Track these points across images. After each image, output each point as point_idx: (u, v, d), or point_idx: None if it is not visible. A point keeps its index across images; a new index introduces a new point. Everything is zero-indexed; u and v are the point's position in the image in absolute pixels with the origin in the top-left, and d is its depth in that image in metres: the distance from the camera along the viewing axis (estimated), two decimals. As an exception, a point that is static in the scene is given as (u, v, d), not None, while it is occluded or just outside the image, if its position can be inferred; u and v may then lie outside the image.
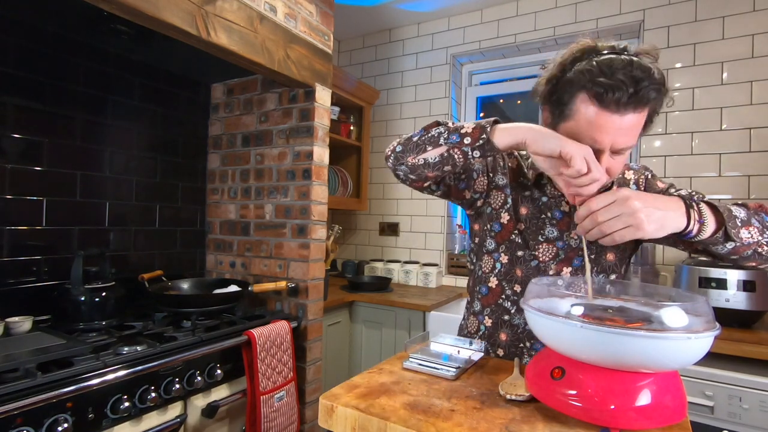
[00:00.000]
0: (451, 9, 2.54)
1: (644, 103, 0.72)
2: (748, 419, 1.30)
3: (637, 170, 0.98)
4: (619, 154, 0.78)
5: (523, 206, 0.97)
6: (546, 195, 0.96)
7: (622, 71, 0.70)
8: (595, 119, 0.73)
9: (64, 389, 1.01)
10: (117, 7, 1.13)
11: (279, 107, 1.89)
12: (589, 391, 0.59)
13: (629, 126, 0.73)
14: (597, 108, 0.73)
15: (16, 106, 1.42)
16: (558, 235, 0.94)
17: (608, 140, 0.74)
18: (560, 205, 0.95)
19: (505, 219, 0.97)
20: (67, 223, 1.56)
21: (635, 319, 0.60)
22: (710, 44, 1.94)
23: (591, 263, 0.91)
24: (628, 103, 0.71)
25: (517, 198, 0.97)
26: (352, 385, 0.72)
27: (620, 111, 0.72)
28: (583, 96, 0.74)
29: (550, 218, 0.95)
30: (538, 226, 0.95)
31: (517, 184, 0.98)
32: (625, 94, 0.70)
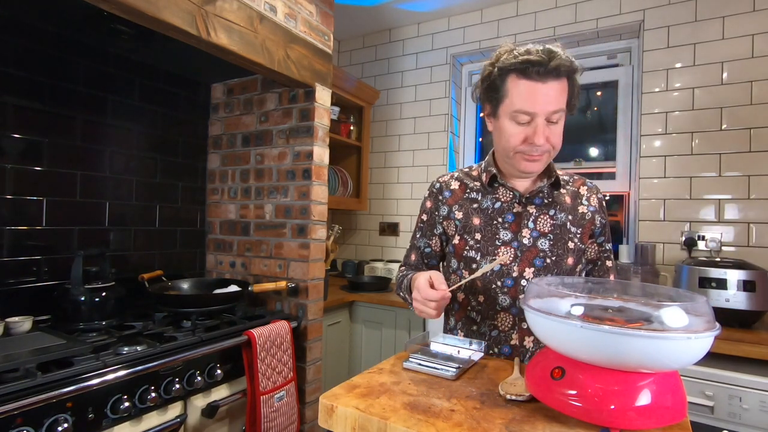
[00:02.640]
0: (451, 9, 2.54)
1: (560, 72, 0.87)
2: (748, 419, 1.30)
3: (590, 188, 1.06)
4: (553, 122, 0.90)
5: (474, 217, 1.03)
6: (499, 200, 1.03)
7: (536, 52, 0.87)
8: (524, 91, 0.88)
9: (64, 389, 1.01)
10: (117, 7, 1.13)
11: (279, 107, 1.89)
12: (589, 391, 0.59)
13: (553, 92, 0.88)
14: (524, 80, 0.88)
15: (16, 106, 1.42)
16: (512, 236, 0.99)
17: (539, 106, 0.88)
18: (512, 207, 1.01)
19: (456, 240, 1.05)
20: (67, 223, 1.56)
21: (635, 319, 0.60)
22: (710, 44, 1.94)
23: (552, 265, 0.98)
24: (547, 72, 0.86)
25: (467, 213, 1.04)
26: (352, 385, 0.72)
27: (543, 79, 0.87)
28: (512, 77, 0.89)
29: (502, 222, 1.01)
30: (492, 233, 1.01)
31: (464, 200, 1.06)
32: (543, 66, 0.86)
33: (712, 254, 1.87)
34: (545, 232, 0.99)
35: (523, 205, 1.01)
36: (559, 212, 1.00)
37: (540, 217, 0.99)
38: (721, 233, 1.89)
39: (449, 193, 1.08)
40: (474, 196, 1.05)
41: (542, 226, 0.99)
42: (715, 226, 1.90)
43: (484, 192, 1.04)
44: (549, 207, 1.00)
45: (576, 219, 1.01)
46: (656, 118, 2.04)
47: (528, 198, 1.01)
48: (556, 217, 1.00)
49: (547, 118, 0.89)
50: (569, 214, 1.01)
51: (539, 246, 0.98)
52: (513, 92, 0.90)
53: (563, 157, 2.46)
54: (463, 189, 1.07)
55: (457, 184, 1.09)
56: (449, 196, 1.08)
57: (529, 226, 0.99)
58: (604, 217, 1.04)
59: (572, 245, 0.99)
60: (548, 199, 1.01)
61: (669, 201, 2.00)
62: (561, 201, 1.02)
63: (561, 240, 0.98)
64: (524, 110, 0.89)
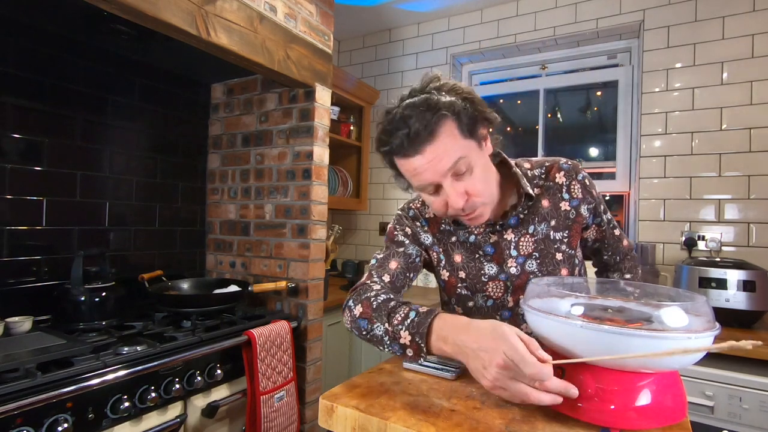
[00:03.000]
0: (451, 9, 2.54)
1: (427, 134, 0.75)
2: (748, 419, 1.30)
3: (567, 171, 0.93)
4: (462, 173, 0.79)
5: (456, 254, 0.96)
6: (472, 233, 0.94)
7: (394, 125, 0.78)
8: (409, 169, 0.79)
9: (64, 389, 1.01)
10: (117, 7, 1.13)
11: (279, 107, 1.89)
12: (589, 391, 0.59)
13: (434, 157, 0.76)
14: (402, 160, 0.79)
15: (16, 106, 1.42)
16: (498, 269, 0.92)
17: (431, 176, 0.78)
18: (489, 238, 0.93)
19: (445, 275, 0.98)
20: (67, 223, 1.56)
21: (635, 319, 0.60)
22: (710, 44, 1.94)
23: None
24: (412, 145, 0.76)
25: (446, 249, 0.96)
26: (352, 385, 0.72)
27: (416, 151, 0.76)
28: (396, 158, 0.81)
29: (484, 255, 0.93)
30: (477, 269, 0.94)
31: (440, 233, 0.97)
32: (404, 141, 0.76)
33: (712, 254, 1.88)
34: (530, 253, 0.91)
35: (499, 233, 0.92)
36: (538, 225, 0.91)
37: (520, 240, 0.91)
38: (721, 233, 1.89)
39: (425, 222, 0.98)
40: (448, 227, 0.97)
41: (525, 248, 0.91)
42: (715, 226, 1.90)
43: (456, 226, 0.95)
44: (527, 224, 0.91)
45: (560, 222, 0.92)
46: (656, 118, 2.04)
47: (502, 224, 0.92)
48: (536, 232, 0.91)
49: (452, 175, 0.78)
50: (551, 219, 0.92)
51: (527, 269, 0.91)
52: (404, 170, 0.82)
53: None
54: (438, 220, 0.97)
55: (431, 213, 0.98)
56: (427, 226, 0.98)
57: (512, 255, 0.91)
58: (591, 198, 0.93)
59: (560, 256, 0.92)
60: (523, 214, 0.92)
61: (669, 201, 2.00)
62: (537, 210, 0.92)
63: (548, 255, 0.91)
64: (421, 186, 0.81)
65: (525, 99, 2.62)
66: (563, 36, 2.29)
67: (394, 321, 0.76)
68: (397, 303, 0.80)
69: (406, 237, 0.98)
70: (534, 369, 0.58)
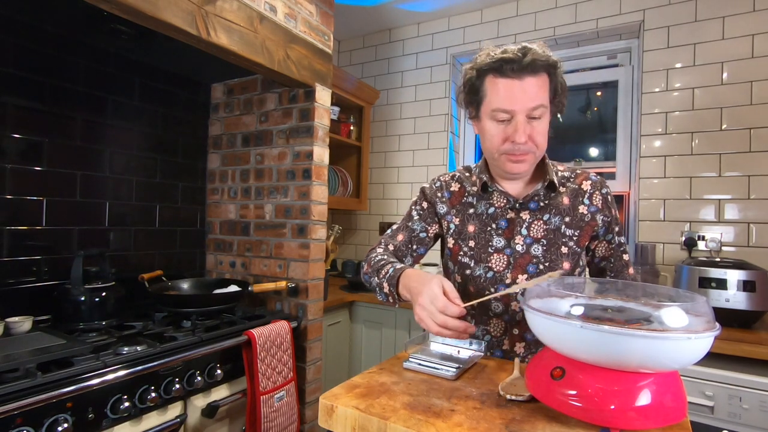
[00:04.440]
0: (451, 9, 2.54)
1: (536, 67, 0.86)
2: (748, 419, 1.30)
3: (594, 182, 1.01)
4: (535, 119, 0.88)
5: (470, 224, 1.02)
6: (493, 205, 1.01)
7: (511, 51, 0.87)
8: (501, 89, 0.88)
9: (64, 389, 1.01)
10: (117, 7, 1.13)
11: (279, 107, 1.89)
12: (589, 391, 0.59)
13: (531, 88, 0.87)
14: (501, 78, 0.88)
15: (16, 106, 1.42)
16: (505, 243, 0.98)
17: (517, 103, 0.87)
18: (506, 213, 1.00)
19: (450, 243, 1.05)
20: (67, 223, 1.56)
21: (635, 319, 0.60)
22: (710, 44, 1.94)
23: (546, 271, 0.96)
24: (522, 68, 0.86)
25: (463, 219, 1.04)
26: (352, 385, 0.72)
27: (519, 76, 0.86)
28: (489, 77, 0.90)
29: (495, 229, 1.00)
30: (486, 240, 1.00)
31: (461, 205, 1.05)
32: (517, 62, 0.85)
33: (712, 254, 1.88)
34: (538, 238, 0.97)
35: (517, 211, 0.99)
36: (553, 216, 0.98)
37: (533, 223, 0.98)
38: (721, 233, 1.89)
39: (449, 194, 1.07)
40: (470, 200, 1.04)
41: (535, 232, 0.97)
42: (715, 226, 1.90)
43: (479, 197, 1.03)
44: (543, 211, 0.98)
45: (574, 221, 0.98)
46: (656, 118, 2.04)
47: (522, 203, 0.99)
48: (550, 222, 0.97)
49: (528, 114, 0.88)
50: (566, 216, 0.98)
51: (532, 252, 0.96)
52: (491, 92, 0.90)
53: (563, 158, 2.46)
54: (462, 192, 1.06)
55: (457, 186, 1.07)
56: (449, 197, 1.06)
57: (522, 233, 0.98)
58: (609, 213, 0.99)
59: (566, 249, 0.96)
60: (544, 202, 0.99)
61: (669, 201, 2.00)
62: (557, 203, 0.99)
63: (554, 245, 0.96)
64: (502, 108, 0.88)
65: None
66: (563, 36, 2.29)
67: (380, 275, 0.97)
68: (386, 262, 0.98)
69: (419, 213, 1.09)
70: (441, 303, 0.76)
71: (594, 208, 0.98)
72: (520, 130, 0.87)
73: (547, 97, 0.89)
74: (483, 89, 0.91)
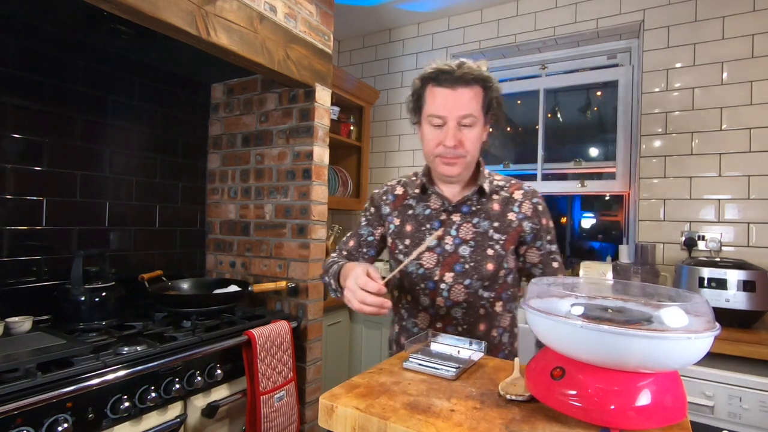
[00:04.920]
0: (451, 9, 2.54)
1: (468, 80, 0.96)
2: (748, 419, 1.30)
3: (526, 192, 1.08)
4: (466, 126, 0.97)
5: (408, 224, 1.10)
6: (429, 207, 1.09)
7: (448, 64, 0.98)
8: (437, 97, 0.98)
9: (64, 389, 1.01)
10: (117, 7, 1.13)
11: (279, 107, 1.89)
12: (589, 391, 0.59)
13: (463, 98, 0.96)
14: (437, 87, 0.97)
15: (16, 106, 1.42)
16: (436, 243, 1.06)
17: (449, 111, 0.96)
18: (440, 215, 1.07)
19: (389, 241, 1.13)
20: (67, 223, 1.56)
21: (635, 319, 0.60)
22: (710, 44, 1.94)
23: (471, 270, 1.03)
24: (455, 79, 0.95)
25: (403, 219, 1.12)
26: (352, 385, 0.72)
27: (452, 86, 0.96)
28: (429, 86, 0.99)
29: (429, 229, 1.07)
30: (419, 239, 1.07)
31: (402, 207, 1.13)
32: (451, 74, 0.96)
33: (712, 254, 1.87)
34: (467, 239, 1.04)
35: (449, 213, 1.07)
36: (483, 220, 1.05)
37: (463, 225, 1.05)
38: (721, 233, 1.89)
39: (393, 197, 1.15)
40: (411, 202, 1.12)
41: (464, 233, 1.05)
42: (715, 226, 1.90)
43: (419, 199, 1.11)
44: (474, 215, 1.06)
45: (502, 226, 1.05)
46: (656, 118, 2.04)
47: (455, 206, 1.06)
48: (479, 225, 1.05)
49: (459, 122, 0.96)
50: (495, 221, 1.05)
51: (460, 252, 1.04)
52: (429, 99, 0.99)
53: (563, 157, 2.46)
54: (405, 195, 1.14)
55: (401, 190, 1.15)
56: (392, 200, 1.15)
57: (451, 234, 1.05)
58: (538, 222, 1.06)
59: (492, 252, 1.03)
60: (475, 207, 1.06)
61: (669, 201, 2.00)
62: (488, 209, 1.06)
63: (481, 247, 1.03)
64: (436, 114, 0.97)
65: (525, 99, 2.62)
66: (563, 36, 2.29)
67: (329, 274, 1.12)
68: (334, 262, 1.14)
69: (367, 218, 1.19)
70: (362, 281, 0.87)
71: (522, 215, 1.05)
72: (451, 134, 0.96)
73: (479, 108, 0.98)
74: (424, 97, 1.01)
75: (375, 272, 0.90)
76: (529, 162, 2.52)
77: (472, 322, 1.06)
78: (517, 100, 2.70)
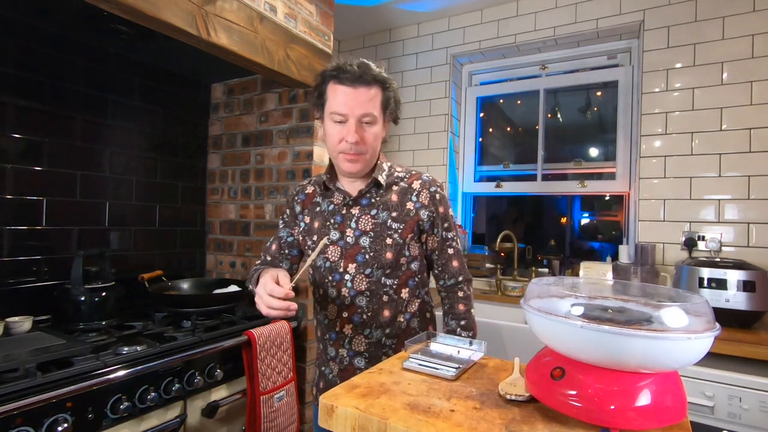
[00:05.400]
0: (451, 9, 2.54)
1: (368, 80, 1.01)
2: (748, 419, 1.30)
3: (424, 182, 1.13)
4: (366, 124, 1.03)
5: (316, 221, 1.15)
6: (333, 203, 1.14)
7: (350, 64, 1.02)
8: (338, 94, 1.02)
9: (64, 389, 1.01)
10: (117, 7, 1.13)
11: (279, 107, 1.89)
12: (589, 391, 0.59)
13: (363, 97, 1.01)
14: (338, 85, 1.02)
15: (16, 106, 1.42)
16: (339, 236, 1.11)
17: (349, 108, 1.01)
18: (341, 210, 1.12)
19: (301, 239, 1.18)
20: (67, 223, 1.56)
21: (635, 320, 0.60)
22: (710, 44, 1.94)
23: (372, 260, 1.08)
24: (355, 78, 1.00)
25: (312, 217, 1.16)
26: (352, 385, 0.72)
27: (353, 85, 1.00)
28: (331, 83, 1.03)
29: (333, 223, 1.12)
30: (325, 234, 1.12)
31: (312, 204, 1.18)
32: (352, 73, 1.00)
33: (712, 254, 1.87)
34: (366, 231, 1.09)
35: (349, 207, 1.12)
36: (381, 211, 1.10)
37: (362, 217, 1.10)
38: (721, 233, 1.89)
39: (303, 196, 1.20)
40: (318, 199, 1.17)
41: (364, 225, 1.09)
42: (715, 226, 1.90)
43: (324, 195, 1.16)
44: (373, 207, 1.10)
45: (400, 215, 1.10)
46: (656, 118, 2.04)
47: (354, 200, 1.11)
48: (377, 216, 1.10)
49: (359, 119, 1.02)
50: (393, 211, 1.10)
51: (361, 243, 1.08)
52: (331, 96, 1.03)
53: (563, 158, 2.46)
54: (314, 193, 1.18)
55: (311, 189, 1.20)
56: (303, 199, 1.19)
57: (351, 226, 1.10)
58: (435, 210, 1.11)
59: (390, 241, 1.08)
60: (375, 199, 1.11)
61: (669, 201, 2.00)
62: (386, 200, 1.11)
63: (380, 237, 1.08)
64: (338, 111, 1.01)
65: (525, 99, 2.62)
66: (563, 36, 2.29)
67: (252, 280, 1.12)
68: (255, 269, 1.16)
69: (284, 221, 1.23)
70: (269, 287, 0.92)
71: (420, 204, 1.11)
72: (351, 131, 1.01)
73: (379, 107, 1.04)
74: (326, 94, 1.05)
75: (285, 278, 0.95)
76: (529, 162, 2.52)
77: (376, 309, 1.09)
78: (517, 100, 2.70)
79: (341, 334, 1.11)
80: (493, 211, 2.92)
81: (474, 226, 2.82)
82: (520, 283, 2.22)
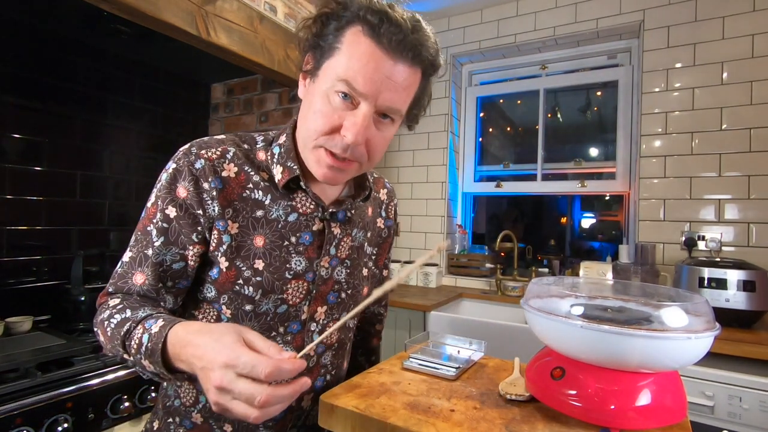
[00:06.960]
0: (451, 9, 2.54)
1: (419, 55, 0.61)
2: (748, 419, 1.30)
3: (390, 191, 0.88)
4: (382, 123, 0.63)
5: (257, 234, 0.67)
6: (296, 210, 0.69)
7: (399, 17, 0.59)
8: (364, 53, 0.58)
9: (64, 389, 1.01)
10: (117, 7, 1.13)
11: (279, 107, 1.89)
12: (589, 391, 0.59)
13: (399, 77, 0.60)
14: (369, 40, 0.59)
15: (16, 106, 1.42)
16: (307, 265, 0.69)
17: (375, 87, 0.59)
18: (312, 223, 0.70)
19: (224, 264, 0.66)
20: (67, 223, 1.56)
21: (635, 319, 0.60)
22: (710, 44, 1.94)
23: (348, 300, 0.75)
24: (402, 45, 0.59)
25: (246, 224, 0.67)
26: (352, 385, 0.72)
27: (394, 53, 0.59)
28: (356, 28, 0.60)
29: (296, 244, 0.68)
30: (282, 260, 0.67)
31: (241, 201, 0.67)
32: (402, 33, 0.58)
33: (712, 254, 1.87)
34: (342, 258, 0.74)
35: (327, 223, 0.71)
36: (359, 230, 0.77)
37: (343, 240, 0.73)
38: (721, 233, 1.89)
39: (220, 182, 0.66)
40: (258, 195, 0.68)
41: (342, 251, 0.73)
42: (715, 226, 1.90)
43: (275, 194, 0.68)
44: (352, 225, 0.75)
45: (373, 236, 0.81)
46: (656, 118, 2.04)
47: (333, 212, 0.71)
48: (355, 238, 0.75)
49: (378, 110, 0.62)
50: (368, 230, 0.79)
51: (335, 277, 0.73)
52: (348, 50, 0.60)
53: (563, 158, 2.46)
54: (243, 180, 0.67)
55: (233, 169, 0.67)
56: (221, 188, 0.65)
57: (330, 252, 0.72)
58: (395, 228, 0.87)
59: (366, 272, 0.79)
60: (351, 213, 0.74)
61: (669, 201, 2.00)
62: (362, 214, 0.77)
63: (357, 267, 0.76)
64: (352, 82, 0.59)
65: (525, 99, 2.62)
66: (563, 36, 2.29)
67: (131, 351, 0.58)
68: (129, 326, 0.59)
69: (162, 229, 0.66)
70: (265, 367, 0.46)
71: (389, 221, 0.85)
72: (359, 125, 0.60)
73: (408, 102, 0.66)
74: (340, 38, 0.61)
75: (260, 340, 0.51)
76: (529, 162, 2.52)
77: (339, 363, 0.78)
78: (517, 100, 2.70)
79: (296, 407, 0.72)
80: (493, 211, 2.92)
81: (474, 226, 2.82)
82: (520, 283, 2.22)
